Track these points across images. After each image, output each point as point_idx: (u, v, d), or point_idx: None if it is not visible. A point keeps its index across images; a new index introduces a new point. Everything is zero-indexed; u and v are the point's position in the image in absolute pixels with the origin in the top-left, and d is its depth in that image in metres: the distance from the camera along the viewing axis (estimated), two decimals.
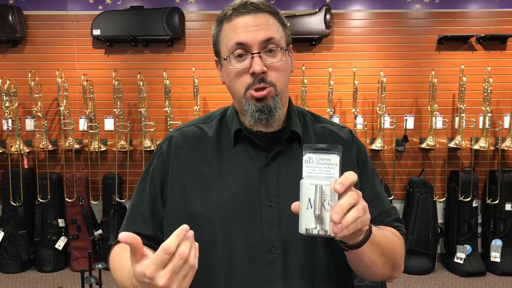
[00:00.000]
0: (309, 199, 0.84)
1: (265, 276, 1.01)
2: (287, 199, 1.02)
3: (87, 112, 3.89)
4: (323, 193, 0.84)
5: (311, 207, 0.84)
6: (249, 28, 1.02)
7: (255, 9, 1.04)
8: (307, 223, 0.85)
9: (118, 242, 1.05)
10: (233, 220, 1.02)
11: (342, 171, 0.86)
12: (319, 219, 0.84)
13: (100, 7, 3.98)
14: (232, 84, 1.07)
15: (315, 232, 0.84)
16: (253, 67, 1.01)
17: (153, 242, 1.07)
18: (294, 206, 0.87)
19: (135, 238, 0.75)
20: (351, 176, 0.84)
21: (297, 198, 0.88)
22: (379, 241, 0.97)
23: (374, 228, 0.96)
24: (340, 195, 0.83)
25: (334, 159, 0.85)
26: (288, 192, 1.04)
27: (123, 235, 0.74)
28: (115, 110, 3.88)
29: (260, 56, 1.02)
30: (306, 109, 1.25)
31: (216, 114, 1.18)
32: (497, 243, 3.83)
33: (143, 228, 1.09)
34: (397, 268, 1.08)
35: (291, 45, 1.12)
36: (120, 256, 1.02)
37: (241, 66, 1.03)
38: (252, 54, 1.02)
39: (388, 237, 1.03)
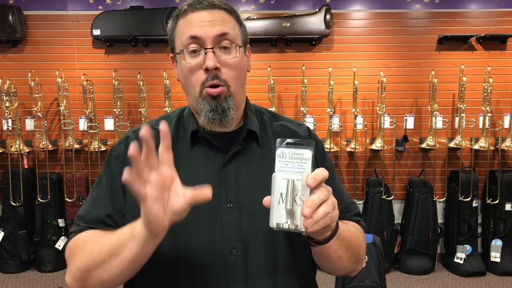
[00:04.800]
0: (281, 193, 0.84)
1: (227, 278, 1.00)
2: (247, 199, 1.02)
3: (87, 112, 3.89)
4: (295, 187, 0.84)
5: (283, 201, 0.84)
6: (204, 23, 1.02)
7: (210, 5, 1.03)
8: (278, 218, 0.85)
9: (75, 235, 1.04)
10: (193, 223, 0.98)
11: None
12: (290, 213, 0.84)
13: (100, 7, 3.98)
14: (187, 81, 1.06)
15: (285, 226, 0.84)
16: (206, 63, 1.00)
17: None
18: (266, 200, 0.86)
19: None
20: (323, 172, 0.84)
21: (257, 197, 0.88)
22: (344, 236, 0.98)
23: (340, 223, 0.97)
24: (312, 191, 0.83)
25: (307, 154, 0.85)
26: (247, 192, 1.03)
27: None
28: (115, 110, 3.88)
29: (214, 52, 1.01)
30: (273, 108, 1.24)
31: (173, 115, 1.16)
32: (497, 243, 3.83)
33: (99, 226, 1.04)
34: (360, 261, 1.10)
35: (249, 45, 1.11)
36: (97, 233, 1.00)
37: (195, 61, 1.02)
38: (206, 49, 1.01)
39: (353, 231, 1.05)
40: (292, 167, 0.86)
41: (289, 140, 0.88)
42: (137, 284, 1.02)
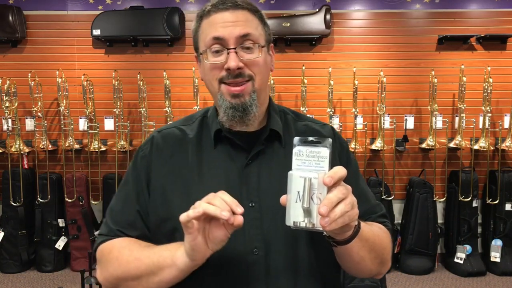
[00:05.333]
0: (298, 192, 0.84)
1: (247, 277, 1.00)
2: (269, 199, 1.02)
3: (87, 112, 3.89)
4: (312, 186, 0.83)
5: (300, 200, 0.83)
6: (227, 23, 1.02)
7: (234, 5, 1.03)
8: (295, 216, 0.84)
9: (105, 240, 1.09)
10: None
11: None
12: (307, 212, 0.83)
13: (100, 7, 3.98)
14: (207, 79, 1.06)
15: (302, 225, 0.84)
16: (228, 63, 1.01)
17: (138, 239, 1.08)
18: (283, 199, 0.87)
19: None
20: (340, 170, 0.83)
21: (278, 197, 0.88)
22: (367, 237, 0.97)
23: (362, 224, 0.96)
24: (329, 189, 0.83)
25: (324, 152, 0.85)
26: (269, 192, 1.03)
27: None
28: (115, 110, 3.88)
29: (236, 52, 1.01)
30: (297, 109, 1.24)
31: (197, 115, 1.17)
32: (497, 243, 3.83)
33: (130, 231, 1.09)
34: (385, 264, 1.08)
35: (272, 44, 1.11)
36: (131, 244, 1.04)
37: (217, 61, 1.02)
38: (228, 49, 1.01)
39: (377, 233, 1.03)
40: (309, 165, 0.85)
41: (306, 138, 0.87)
42: None
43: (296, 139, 0.87)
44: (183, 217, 0.86)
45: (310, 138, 0.87)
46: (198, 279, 1.01)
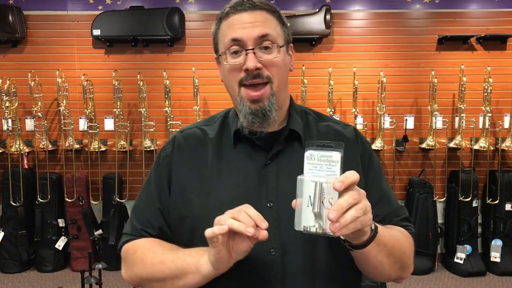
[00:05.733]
0: (309, 196, 0.83)
1: (264, 277, 1.00)
2: (287, 199, 1.00)
3: (87, 112, 3.89)
4: (323, 190, 0.82)
5: (311, 204, 0.83)
6: (245, 24, 1.02)
7: (252, 6, 1.04)
8: (306, 221, 0.84)
9: (129, 239, 1.12)
10: None
11: (346, 170, 0.84)
12: (318, 217, 0.83)
13: (100, 7, 3.98)
14: (227, 80, 1.07)
15: (313, 230, 0.83)
16: (247, 64, 1.01)
17: (160, 238, 1.10)
18: (293, 203, 0.87)
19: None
20: (352, 175, 0.82)
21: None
22: (385, 241, 0.95)
23: (380, 228, 0.94)
24: (340, 194, 0.82)
25: (336, 156, 0.84)
26: (288, 192, 1.02)
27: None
28: (115, 110, 3.88)
29: (255, 53, 1.01)
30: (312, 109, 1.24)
31: (218, 115, 1.18)
32: (497, 243, 3.83)
33: (151, 229, 1.11)
34: (406, 269, 1.07)
35: (292, 45, 1.11)
36: (155, 246, 1.07)
37: (236, 62, 1.03)
38: (246, 50, 1.01)
39: (396, 237, 1.02)
40: (320, 169, 0.85)
41: (319, 142, 0.87)
42: None
43: (307, 143, 0.87)
44: (208, 233, 0.88)
45: (323, 142, 0.87)
46: (214, 278, 1.01)
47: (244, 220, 0.87)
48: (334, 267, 1.03)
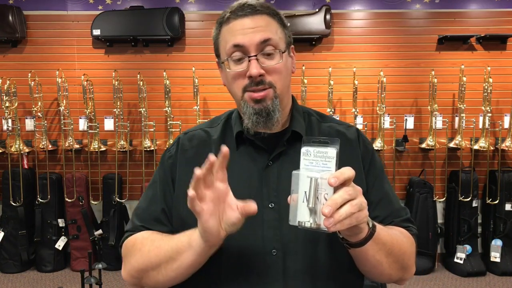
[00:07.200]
0: (305, 191, 0.84)
1: (265, 277, 1.00)
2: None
3: (87, 112, 3.89)
4: (319, 186, 0.83)
5: (306, 200, 0.84)
6: (246, 30, 1.02)
7: (253, 11, 1.03)
8: (301, 216, 0.85)
9: (129, 235, 1.11)
10: None
11: (342, 167, 0.85)
12: (313, 212, 0.84)
13: (100, 7, 3.98)
14: (231, 87, 1.08)
15: (307, 225, 0.84)
16: (250, 71, 1.01)
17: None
18: (289, 198, 0.88)
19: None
20: (347, 171, 0.83)
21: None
22: (384, 240, 0.96)
23: (379, 227, 0.95)
24: (336, 190, 0.83)
25: (331, 152, 0.85)
26: (288, 193, 1.02)
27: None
28: (115, 110, 3.88)
29: (257, 59, 1.01)
30: (315, 109, 1.24)
31: (222, 117, 1.19)
32: (497, 243, 3.83)
33: (155, 226, 1.11)
34: (407, 269, 1.06)
35: (293, 46, 1.11)
36: (153, 235, 1.06)
37: (239, 69, 1.03)
38: (249, 57, 1.01)
39: (396, 236, 1.02)
40: (316, 165, 0.86)
41: (315, 138, 0.88)
42: None
43: (304, 139, 0.88)
44: (190, 192, 0.87)
45: (319, 138, 0.88)
46: (215, 278, 1.02)
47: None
48: (335, 267, 1.03)
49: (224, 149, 0.88)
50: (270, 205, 1.03)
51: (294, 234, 1.00)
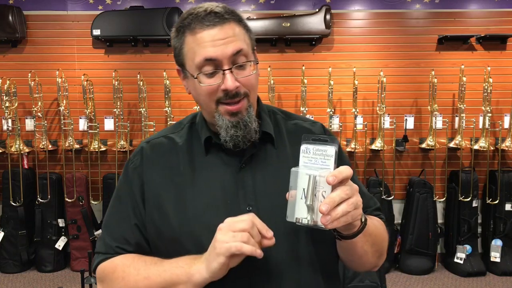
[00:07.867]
0: (303, 189, 0.86)
1: (249, 279, 1.01)
2: (265, 201, 1.03)
3: (87, 112, 3.89)
4: (317, 184, 0.85)
5: (305, 197, 0.85)
6: (217, 42, 0.98)
7: (221, 20, 0.99)
8: (299, 213, 0.86)
9: (105, 258, 1.08)
10: (213, 228, 0.96)
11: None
12: (311, 209, 0.85)
13: (100, 7, 3.98)
14: (201, 99, 1.04)
15: (305, 221, 0.86)
16: (226, 84, 0.98)
17: (138, 253, 1.08)
18: (287, 195, 0.89)
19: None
20: (345, 170, 0.85)
21: (275, 199, 0.90)
22: (370, 231, 0.99)
23: (367, 219, 0.98)
24: (333, 188, 0.84)
25: (330, 150, 0.87)
26: (265, 194, 1.03)
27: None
28: (115, 110, 3.88)
29: (232, 72, 0.99)
30: (283, 108, 1.24)
31: (184, 122, 1.16)
32: (497, 243, 3.83)
33: (128, 246, 1.08)
34: (383, 256, 1.11)
35: (255, 48, 1.10)
36: (136, 262, 1.04)
37: (212, 83, 1.00)
38: (224, 70, 0.99)
39: (377, 226, 1.06)
40: (315, 163, 0.87)
41: (314, 136, 0.89)
42: None
43: (304, 136, 0.89)
44: (247, 250, 0.89)
45: (319, 136, 0.89)
46: None
47: (255, 236, 0.90)
48: (316, 259, 1.05)
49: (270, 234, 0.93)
50: (248, 208, 1.02)
51: (275, 235, 0.99)
